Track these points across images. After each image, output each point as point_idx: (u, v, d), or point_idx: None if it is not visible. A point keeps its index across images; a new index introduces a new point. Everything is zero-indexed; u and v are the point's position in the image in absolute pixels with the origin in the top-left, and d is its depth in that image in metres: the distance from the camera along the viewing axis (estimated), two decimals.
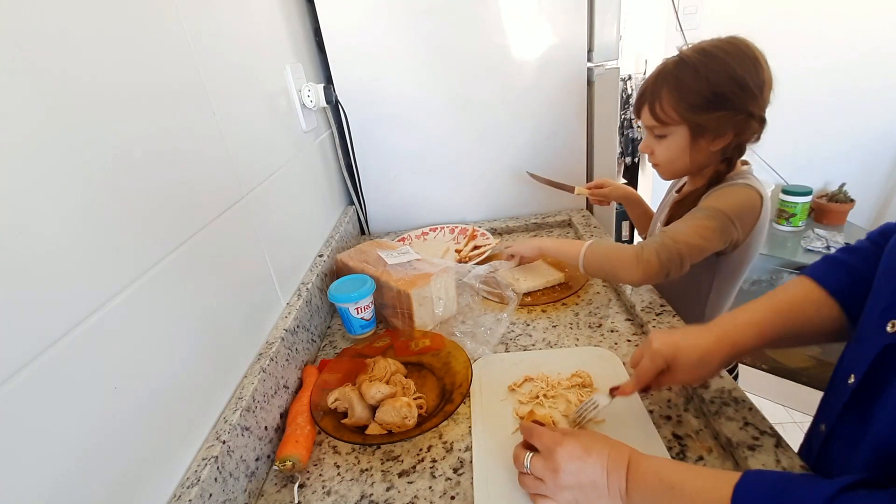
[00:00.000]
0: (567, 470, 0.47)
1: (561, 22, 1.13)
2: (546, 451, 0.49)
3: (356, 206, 1.32)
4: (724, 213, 0.75)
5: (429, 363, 0.77)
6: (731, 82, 0.73)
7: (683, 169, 0.84)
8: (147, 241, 0.48)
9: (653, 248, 0.74)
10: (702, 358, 0.52)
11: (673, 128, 0.79)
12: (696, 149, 0.79)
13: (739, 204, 0.77)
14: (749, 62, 0.73)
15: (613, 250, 0.80)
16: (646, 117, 0.82)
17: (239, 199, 0.68)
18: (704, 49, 0.75)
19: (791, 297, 0.54)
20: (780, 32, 2.07)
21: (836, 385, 0.46)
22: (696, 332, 0.54)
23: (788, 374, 1.92)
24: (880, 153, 2.22)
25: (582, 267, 0.83)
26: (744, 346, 0.52)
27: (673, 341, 0.54)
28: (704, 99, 0.74)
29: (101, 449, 0.39)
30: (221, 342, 0.60)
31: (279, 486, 0.60)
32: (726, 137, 0.77)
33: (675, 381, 0.55)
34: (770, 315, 0.53)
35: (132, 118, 0.48)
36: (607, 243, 0.84)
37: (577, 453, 0.48)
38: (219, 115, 0.66)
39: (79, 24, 0.43)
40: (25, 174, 0.35)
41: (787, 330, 0.52)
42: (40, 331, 0.35)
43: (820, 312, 0.52)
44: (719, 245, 0.77)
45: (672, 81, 0.76)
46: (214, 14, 0.69)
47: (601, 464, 0.46)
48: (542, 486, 0.49)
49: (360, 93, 1.18)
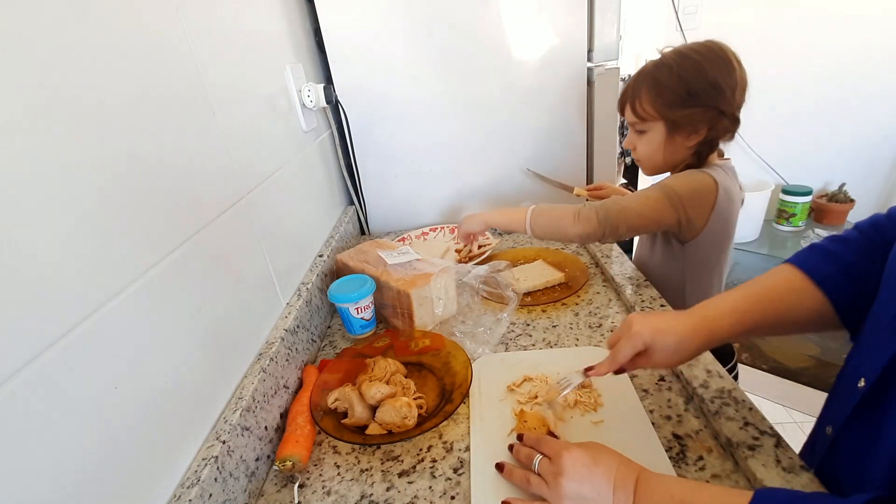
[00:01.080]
0: (571, 476, 0.46)
1: (561, 22, 1.13)
2: (554, 455, 0.49)
3: (356, 206, 1.32)
4: (672, 189, 0.81)
5: (429, 363, 0.77)
6: (703, 81, 0.79)
7: (662, 163, 0.89)
8: (147, 241, 0.48)
9: (593, 207, 0.83)
10: (679, 343, 0.52)
11: (651, 123, 0.85)
12: (671, 144, 0.85)
13: (688, 184, 0.82)
14: (721, 63, 0.79)
15: (556, 209, 0.88)
16: (628, 114, 0.88)
17: (239, 199, 0.68)
18: (681, 51, 0.82)
19: (773, 285, 0.53)
20: (780, 32, 2.08)
21: (844, 388, 0.46)
22: (675, 317, 0.54)
23: (788, 374, 1.92)
24: (880, 153, 2.22)
25: (529, 230, 0.90)
26: (722, 333, 0.52)
27: (651, 325, 0.53)
28: (679, 96, 0.80)
29: (101, 449, 0.39)
30: (221, 342, 0.60)
31: (279, 486, 0.60)
32: (700, 133, 0.83)
33: (651, 364, 0.55)
34: (751, 303, 0.52)
35: (132, 118, 0.48)
36: (550, 207, 0.90)
37: (585, 461, 0.47)
38: (219, 116, 0.66)
39: (78, 25, 0.43)
40: (25, 175, 0.35)
41: (767, 318, 0.52)
42: (40, 331, 0.35)
43: (803, 302, 0.51)
44: (662, 217, 0.82)
45: (650, 80, 0.83)
46: (214, 14, 0.69)
47: (608, 476, 0.45)
48: (544, 489, 0.48)
49: (360, 93, 1.18)
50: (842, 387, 0.47)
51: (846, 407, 0.44)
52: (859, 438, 0.43)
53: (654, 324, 0.54)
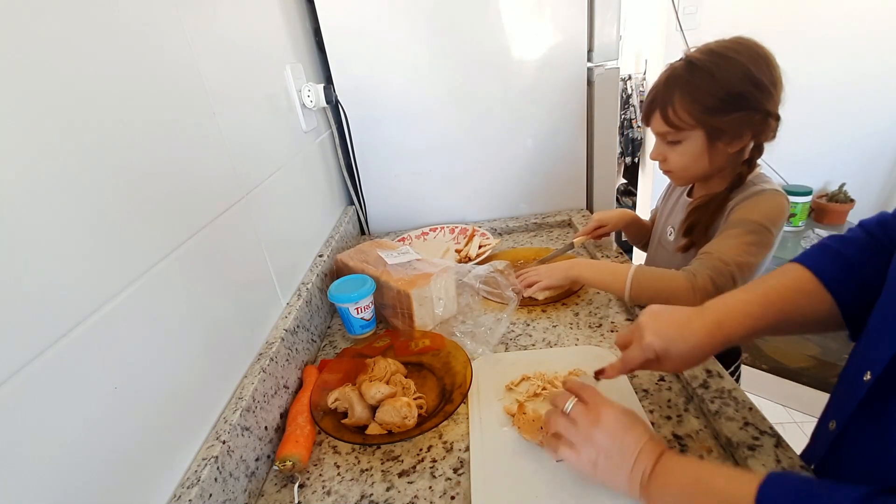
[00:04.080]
0: (605, 427, 0.48)
1: (561, 22, 1.13)
2: (593, 404, 0.51)
3: (356, 206, 1.32)
4: (762, 226, 0.73)
5: (429, 363, 0.77)
6: (747, 82, 0.72)
7: (701, 173, 0.82)
8: (147, 241, 0.48)
9: (706, 274, 0.71)
10: (691, 352, 0.52)
11: (688, 132, 0.77)
12: (713, 152, 0.77)
13: (772, 212, 0.75)
14: (761, 61, 0.72)
15: (663, 280, 0.75)
16: (657, 124, 0.79)
17: (239, 199, 0.68)
18: (714, 50, 0.74)
19: (784, 288, 0.53)
20: (780, 32, 2.07)
21: (850, 382, 0.46)
22: (687, 323, 0.53)
23: (788, 374, 1.92)
24: (880, 153, 2.22)
25: (629, 300, 0.78)
26: (736, 337, 0.52)
27: (665, 335, 0.53)
28: (720, 101, 0.73)
29: (101, 449, 0.39)
30: (221, 342, 0.60)
31: (279, 486, 0.60)
32: (744, 139, 0.76)
33: (661, 369, 0.56)
34: (764, 308, 0.52)
35: (132, 119, 0.48)
36: (653, 272, 0.77)
37: (623, 421, 0.49)
38: (219, 116, 0.66)
39: (79, 26, 0.43)
40: (26, 175, 0.35)
41: (779, 322, 0.52)
42: (41, 331, 0.35)
43: (812, 304, 0.51)
44: (764, 257, 0.74)
45: (684, 85, 0.75)
46: (214, 14, 0.69)
47: (637, 444, 0.47)
48: (571, 430, 0.50)
49: (360, 93, 1.18)
50: (846, 382, 0.47)
51: (851, 401, 0.44)
52: (865, 433, 0.43)
53: (667, 333, 0.53)
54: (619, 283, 0.78)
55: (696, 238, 0.83)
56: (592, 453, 0.48)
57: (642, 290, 0.76)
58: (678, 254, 0.88)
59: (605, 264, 0.84)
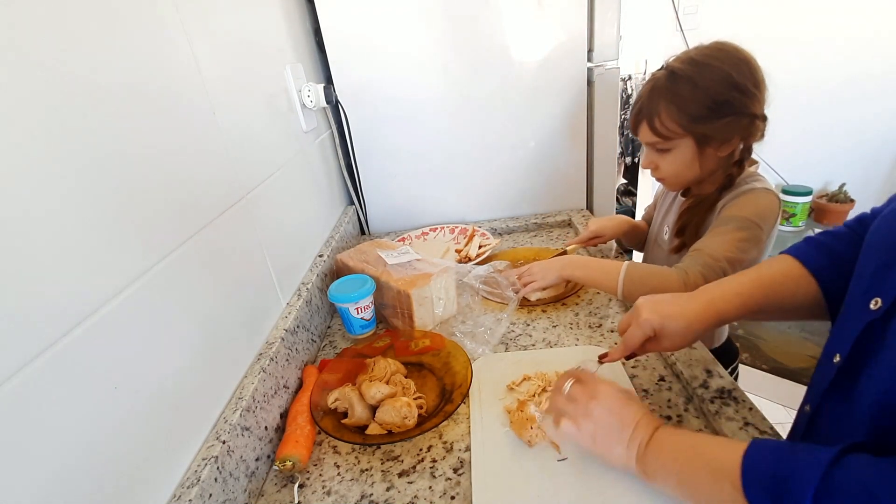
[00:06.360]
0: (602, 402, 0.51)
1: (561, 22, 1.13)
2: (590, 382, 0.54)
3: (356, 206, 1.32)
4: (751, 222, 0.74)
5: (429, 363, 0.77)
6: (730, 88, 0.72)
7: (693, 179, 0.82)
8: (147, 241, 0.48)
9: (697, 271, 0.72)
10: (688, 327, 0.55)
11: (677, 141, 0.77)
12: (704, 158, 0.78)
13: (763, 210, 0.76)
14: (742, 64, 0.73)
15: (655, 277, 0.76)
16: (645, 134, 0.80)
17: (239, 199, 0.68)
18: (694, 59, 0.75)
19: (774, 273, 0.57)
20: (780, 33, 2.07)
21: (822, 366, 0.48)
22: (682, 301, 0.57)
23: (788, 374, 1.92)
24: (880, 153, 2.23)
25: (621, 295, 0.78)
26: (728, 316, 0.55)
27: (660, 311, 0.56)
28: (706, 108, 0.74)
29: (101, 448, 0.39)
30: (221, 342, 0.60)
31: (279, 486, 0.60)
32: (733, 142, 0.77)
33: (661, 348, 0.58)
34: (754, 288, 0.56)
35: (132, 118, 0.48)
36: (644, 269, 0.78)
37: (620, 397, 0.52)
38: (219, 116, 0.66)
39: (79, 24, 0.43)
40: (26, 175, 0.35)
41: (768, 303, 0.55)
42: (41, 330, 0.35)
43: (799, 289, 0.55)
44: (754, 254, 0.75)
45: (668, 95, 0.75)
46: (214, 14, 0.69)
47: (633, 418, 0.50)
48: (570, 407, 0.53)
49: (360, 93, 1.18)
50: (819, 368, 0.49)
51: (823, 383, 0.46)
52: (835, 412, 0.45)
53: (662, 310, 0.56)
54: (612, 281, 0.79)
55: (687, 239, 0.85)
56: (591, 427, 0.51)
57: (635, 287, 0.77)
58: (673, 255, 0.89)
59: (598, 263, 0.84)
